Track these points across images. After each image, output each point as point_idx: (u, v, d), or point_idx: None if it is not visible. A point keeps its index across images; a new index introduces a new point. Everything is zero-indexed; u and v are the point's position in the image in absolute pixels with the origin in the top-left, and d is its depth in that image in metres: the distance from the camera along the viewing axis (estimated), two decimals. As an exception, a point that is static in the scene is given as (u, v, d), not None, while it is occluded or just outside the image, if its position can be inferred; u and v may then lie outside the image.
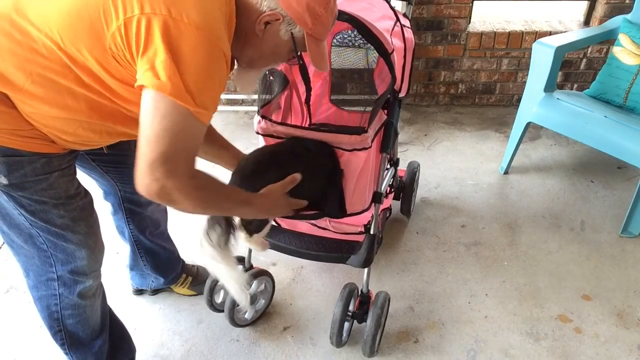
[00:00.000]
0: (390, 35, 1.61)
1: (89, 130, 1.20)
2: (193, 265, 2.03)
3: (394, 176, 2.11)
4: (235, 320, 1.83)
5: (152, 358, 1.78)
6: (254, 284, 1.83)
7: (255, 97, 3.26)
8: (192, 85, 1.02)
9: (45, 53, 1.06)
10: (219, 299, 1.89)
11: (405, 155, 2.78)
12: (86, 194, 1.36)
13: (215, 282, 1.82)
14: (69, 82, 1.09)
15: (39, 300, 1.42)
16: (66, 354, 1.50)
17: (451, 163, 2.78)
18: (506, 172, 2.69)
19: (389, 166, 2.01)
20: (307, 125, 1.86)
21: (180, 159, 1.05)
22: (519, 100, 2.67)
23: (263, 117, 1.60)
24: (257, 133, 1.61)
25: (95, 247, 1.40)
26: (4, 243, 2.26)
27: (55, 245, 1.31)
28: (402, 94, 1.74)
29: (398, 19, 1.71)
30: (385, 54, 1.54)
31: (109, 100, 1.14)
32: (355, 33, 1.85)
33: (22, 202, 1.22)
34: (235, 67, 1.28)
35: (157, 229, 1.82)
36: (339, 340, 1.73)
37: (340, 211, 1.64)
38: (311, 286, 2.04)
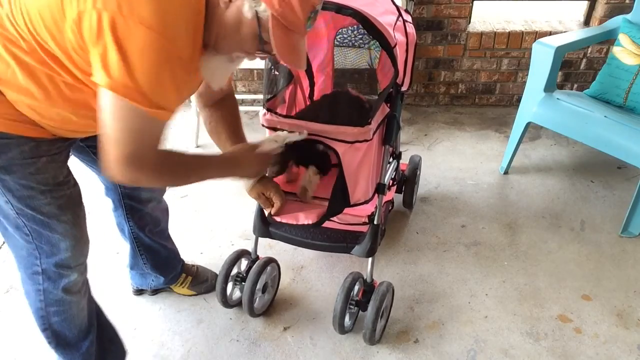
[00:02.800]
0: (393, 29, 1.63)
1: (72, 116, 1.19)
2: (193, 265, 2.02)
3: (397, 169, 2.14)
4: (254, 310, 1.85)
5: (152, 358, 1.78)
6: (265, 272, 1.85)
7: (255, 97, 3.27)
8: (143, 86, 1.02)
9: (24, 45, 1.07)
10: (233, 295, 1.91)
11: (406, 155, 2.78)
12: (75, 184, 1.35)
13: (226, 282, 1.83)
14: (46, 69, 1.10)
15: (27, 295, 1.41)
16: (56, 352, 1.49)
17: (451, 163, 2.78)
18: (506, 172, 2.69)
19: (391, 159, 2.03)
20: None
21: (143, 154, 1.11)
22: (519, 100, 2.67)
23: (268, 110, 1.64)
24: (263, 125, 1.65)
25: (80, 239, 1.38)
26: (4, 243, 2.26)
27: (41, 236, 1.30)
28: (404, 88, 1.77)
29: (400, 14, 1.73)
30: (388, 47, 1.56)
31: (80, 89, 1.14)
32: (355, 32, 1.87)
33: (9, 185, 1.21)
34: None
35: (157, 226, 1.82)
36: (341, 326, 1.74)
37: (344, 201, 1.66)
38: (311, 286, 2.04)
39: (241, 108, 3.34)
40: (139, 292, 2.00)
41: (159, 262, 1.88)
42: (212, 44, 1.18)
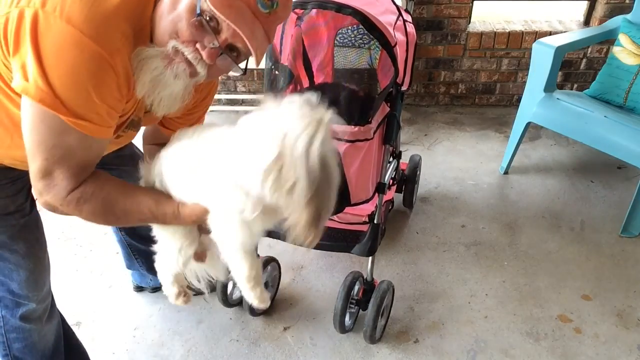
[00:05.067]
0: (393, 29, 1.63)
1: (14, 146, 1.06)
2: (193, 265, 2.02)
3: (397, 169, 2.14)
4: (254, 309, 1.85)
5: (152, 358, 1.78)
6: (266, 271, 1.85)
7: (255, 97, 3.27)
8: (59, 89, 0.89)
9: None
10: (233, 295, 1.91)
11: (406, 155, 2.78)
12: (30, 212, 1.26)
13: (227, 282, 1.84)
14: None
15: None
16: None
17: (451, 163, 2.78)
18: (506, 172, 2.69)
19: (391, 159, 2.03)
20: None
21: (59, 173, 0.96)
22: (519, 100, 2.67)
23: None
24: None
25: (34, 270, 1.29)
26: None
27: None
28: (404, 88, 1.77)
29: (400, 14, 1.73)
30: (388, 46, 1.56)
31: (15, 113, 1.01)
32: (355, 32, 1.87)
33: None
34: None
35: (150, 232, 1.80)
36: (342, 325, 1.75)
37: (344, 200, 1.66)
38: (311, 286, 2.04)
39: (241, 108, 3.36)
40: (139, 288, 2.01)
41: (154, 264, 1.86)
42: (153, 33, 1.01)
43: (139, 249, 1.82)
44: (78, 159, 0.98)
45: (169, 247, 1.18)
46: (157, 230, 1.18)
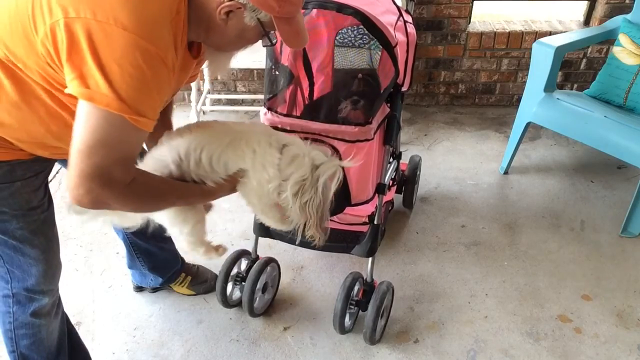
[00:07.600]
0: (394, 29, 1.63)
1: (48, 135, 1.14)
2: (194, 265, 2.02)
3: (397, 169, 2.14)
4: (254, 310, 1.85)
5: (152, 358, 1.78)
6: (265, 272, 1.85)
7: (255, 97, 3.27)
8: (123, 93, 0.96)
9: None
10: (233, 295, 1.91)
11: (406, 155, 2.78)
12: (49, 206, 1.32)
13: (226, 282, 1.84)
14: (20, 85, 1.06)
15: None
16: None
17: (451, 163, 2.78)
18: (506, 172, 2.69)
19: (391, 159, 2.03)
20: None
21: (116, 168, 1.01)
22: (519, 100, 2.67)
23: (269, 109, 1.64)
24: None
25: (52, 263, 1.36)
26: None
27: (12, 260, 1.28)
28: (404, 88, 1.77)
29: (401, 14, 1.73)
30: (388, 46, 1.56)
31: (58, 107, 1.09)
32: (355, 32, 1.87)
33: None
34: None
35: (154, 230, 1.81)
36: (341, 326, 1.74)
37: (345, 200, 1.66)
38: (311, 286, 2.04)
39: (241, 108, 3.36)
40: (139, 288, 2.01)
41: (157, 263, 1.88)
42: (214, 47, 1.19)
43: (141, 247, 1.82)
44: (133, 153, 1.06)
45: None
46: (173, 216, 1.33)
